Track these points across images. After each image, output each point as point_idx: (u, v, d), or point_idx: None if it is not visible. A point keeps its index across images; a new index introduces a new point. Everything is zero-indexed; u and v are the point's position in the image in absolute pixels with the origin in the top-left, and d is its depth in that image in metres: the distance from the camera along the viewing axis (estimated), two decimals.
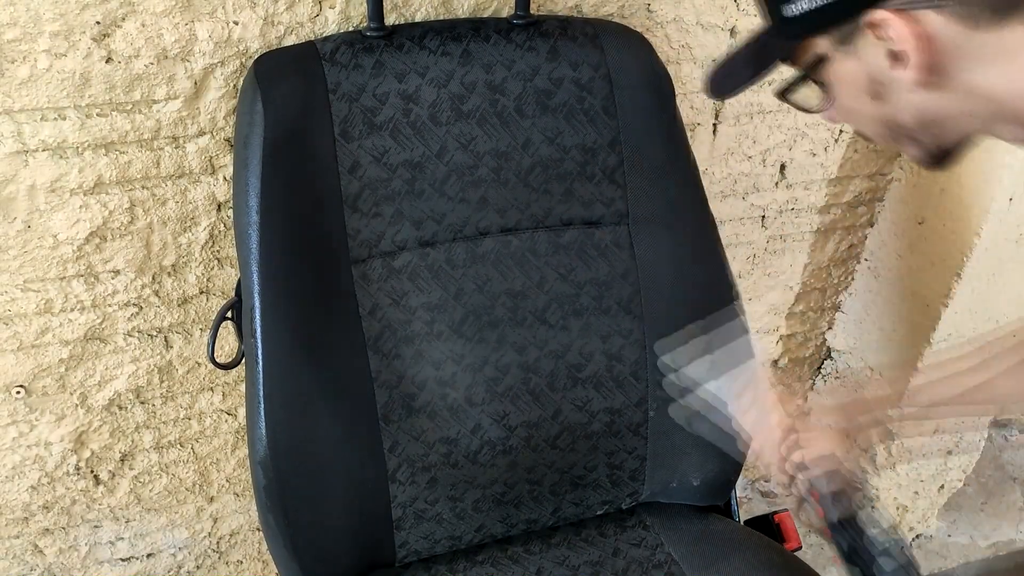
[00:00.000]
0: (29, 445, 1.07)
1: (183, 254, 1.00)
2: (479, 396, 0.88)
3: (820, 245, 1.36)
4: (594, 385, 0.91)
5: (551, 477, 0.93)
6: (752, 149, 1.20)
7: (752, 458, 0.86)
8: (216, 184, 0.97)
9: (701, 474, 0.96)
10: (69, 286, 0.97)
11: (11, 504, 1.11)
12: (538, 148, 0.88)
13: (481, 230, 0.88)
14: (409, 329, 0.86)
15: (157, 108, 0.89)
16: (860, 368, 1.45)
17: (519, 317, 0.89)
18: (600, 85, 0.88)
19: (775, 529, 1.04)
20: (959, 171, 1.18)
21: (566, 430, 0.91)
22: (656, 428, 0.94)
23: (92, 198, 0.92)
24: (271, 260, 0.80)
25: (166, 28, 0.84)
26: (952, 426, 1.43)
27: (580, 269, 0.90)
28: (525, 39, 0.87)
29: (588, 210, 0.90)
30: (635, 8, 1.01)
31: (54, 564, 1.20)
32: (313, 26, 0.89)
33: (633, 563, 0.94)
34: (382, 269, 0.85)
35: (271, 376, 0.80)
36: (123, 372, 1.06)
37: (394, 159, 0.84)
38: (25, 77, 0.83)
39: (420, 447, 0.87)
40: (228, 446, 1.19)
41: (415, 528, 0.90)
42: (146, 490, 1.18)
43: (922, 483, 1.51)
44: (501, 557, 0.95)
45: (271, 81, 0.81)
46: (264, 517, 0.82)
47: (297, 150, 0.81)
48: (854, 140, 1.24)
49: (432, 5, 0.92)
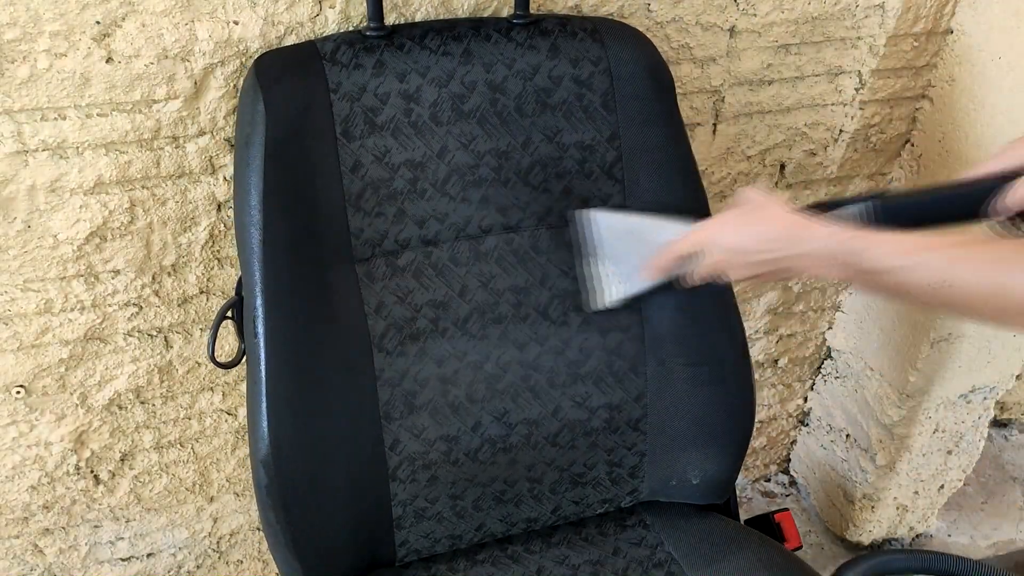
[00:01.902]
0: (29, 445, 1.07)
1: (183, 254, 1.00)
2: (480, 393, 0.88)
3: None
4: (594, 381, 0.91)
5: (551, 475, 0.93)
6: (752, 149, 1.20)
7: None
8: (216, 184, 0.97)
9: (700, 472, 0.96)
10: (69, 286, 0.97)
11: (11, 504, 1.11)
12: (537, 147, 0.88)
13: (484, 228, 0.88)
14: (415, 326, 0.86)
15: (157, 108, 0.89)
16: (860, 368, 1.45)
17: (523, 313, 0.89)
18: (600, 80, 0.88)
19: (775, 528, 1.04)
20: (959, 170, 1.18)
21: (566, 427, 0.92)
22: (655, 423, 0.94)
23: (92, 198, 0.92)
24: (273, 259, 0.80)
25: (166, 28, 0.85)
26: (952, 426, 1.43)
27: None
28: (526, 37, 0.87)
29: (587, 207, 0.90)
30: (635, 8, 1.01)
31: (54, 564, 1.20)
32: (313, 26, 0.89)
33: (633, 562, 0.94)
34: (386, 267, 0.85)
35: (273, 375, 0.80)
36: (123, 372, 1.06)
37: (395, 159, 0.84)
38: (25, 77, 0.83)
39: (421, 445, 0.87)
40: (228, 446, 1.19)
41: (415, 527, 0.90)
42: (146, 490, 1.18)
43: (922, 483, 1.51)
44: (501, 556, 0.95)
45: (272, 81, 0.81)
46: (265, 516, 0.82)
47: (298, 149, 0.81)
48: (854, 140, 1.24)
49: (432, 5, 0.92)
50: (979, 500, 1.68)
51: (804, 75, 1.15)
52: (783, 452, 1.69)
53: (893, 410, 1.39)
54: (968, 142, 1.16)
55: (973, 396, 1.40)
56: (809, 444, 1.63)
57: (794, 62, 1.13)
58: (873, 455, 1.46)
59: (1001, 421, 1.85)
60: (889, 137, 1.26)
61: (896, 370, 1.36)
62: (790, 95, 1.16)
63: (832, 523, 1.61)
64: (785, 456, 1.70)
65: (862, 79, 1.18)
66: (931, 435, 1.44)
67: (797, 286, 1.40)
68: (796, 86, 1.16)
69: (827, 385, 1.55)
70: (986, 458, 1.74)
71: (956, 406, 1.41)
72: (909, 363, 1.33)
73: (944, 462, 1.50)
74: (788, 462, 1.71)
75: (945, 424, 1.43)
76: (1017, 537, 1.62)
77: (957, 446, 1.48)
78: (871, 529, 1.55)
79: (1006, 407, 1.84)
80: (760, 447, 1.65)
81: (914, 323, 1.31)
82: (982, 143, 1.14)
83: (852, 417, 1.49)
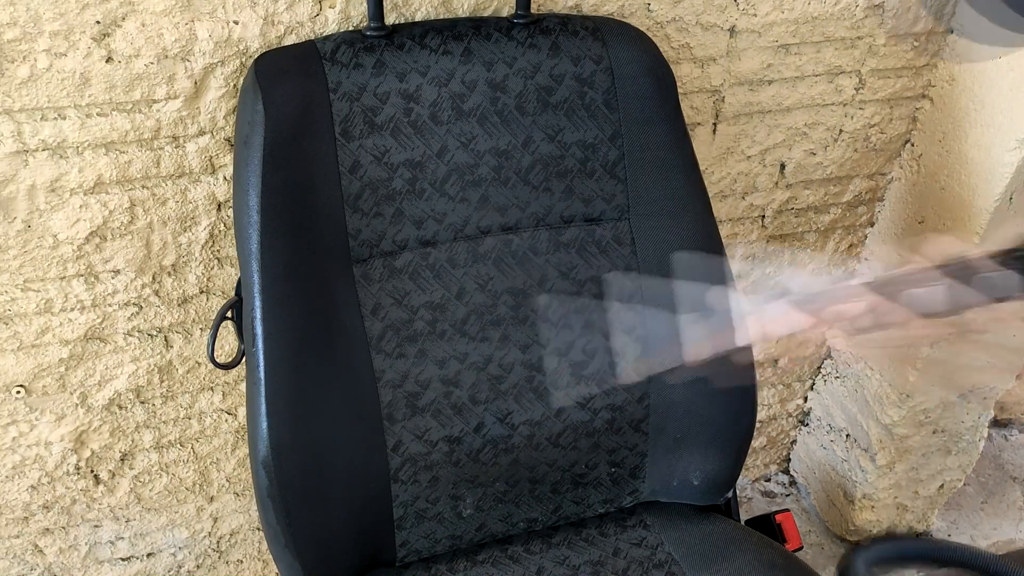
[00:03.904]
0: (29, 445, 1.07)
1: (183, 254, 1.00)
2: (483, 395, 0.88)
3: (820, 245, 1.36)
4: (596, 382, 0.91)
5: (552, 475, 0.93)
6: (752, 149, 1.20)
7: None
8: (216, 184, 0.97)
9: (701, 473, 0.96)
10: (69, 286, 0.97)
11: (11, 504, 1.11)
12: (538, 146, 0.88)
13: (482, 229, 0.88)
14: (412, 328, 0.86)
15: (157, 108, 0.89)
16: (860, 368, 1.45)
17: (521, 315, 0.89)
18: (602, 78, 0.88)
19: (776, 529, 1.04)
20: (959, 171, 1.18)
21: (568, 428, 0.91)
22: (656, 424, 0.94)
23: (92, 198, 0.92)
24: (272, 259, 0.80)
25: (166, 28, 0.84)
26: (952, 426, 1.43)
27: (581, 267, 0.90)
28: (526, 36, 0.87)
29: (589, 206, 0.90)
30: (635, 8, 1.01)
31: (54, 564, 1.20)
32: (313, 26, 0.89)
33: (633, 563, 0.94)
34: (383, 269, 0.85)
35: (273, 375, 0.80)
36: (123, 372, 1.06)
37: (395, 159, 0.84)
38: (25, 77, 0.83)
39: (423, 446, 0.87)
40: (228, 446, 1.19)
41: (416, 527, 0.90)
42: (146, 490, 1.18)
43: (922, 483, 1.51)
44: (501, 557, 0.95)
45: (272, 80, 0.81)
46: (265, 516, 0.82)
47: (298, 149, 0.81)
48: (854, 140, 1.24)
49: (432, 5, 0.92)
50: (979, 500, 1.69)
51: (804, 75, 1.15)
52: (783, 452, 1.69)
53: (893, 410, 1.39)
54: (968, 142, 1.16)
55: (972, 396, 1.40)
56: (809, 444, 1.64)
57: (794, 62, 1.13)
58: (873, 455, 1.46)
59: (1001, 421, 1.85)
60: (889, 137, 1.26)
61: (896, 370, 1.36)
62: (790, 95, 1.16)
63: (832, 523, 1.61)
64: (785, 456, 1.70)
65: (862, 79, 1.18)
66: (931, 435, 1.44)
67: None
68: (796, 86, 1.16)
69: (827, 385, 1.55)
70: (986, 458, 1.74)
71: (956, 406, 1.41)
72: (909, 363, 1.33)
73: (944, 462, 1.50)
74: (788, 462, 1.71)
75: (945, 424, 1.43)
76: (1017, 537, 1.62)
77: (957, 446, 1.48)
78: (871, 529, 1.55)
79: (1006, 407, 1.84)
80: (760, 447, 1.65)
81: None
82: (982, 143, 1.14)
83: (852, 417, 1.49)
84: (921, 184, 1.26)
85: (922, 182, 1.25)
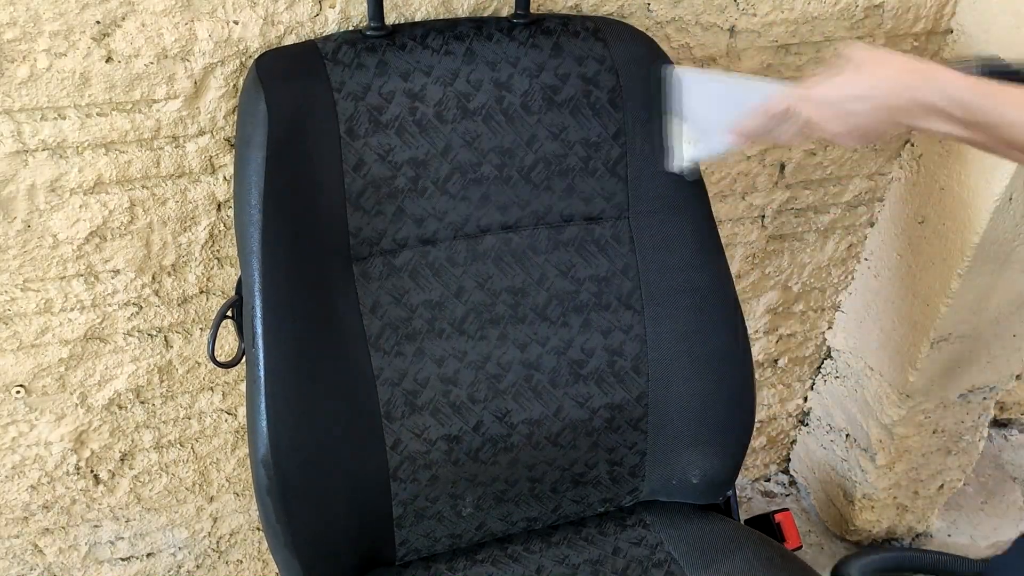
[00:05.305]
0: (29, 445, 1.07)
1: (183, 254, 1.00)
2: (482, 393, 0.88)
3: (820, 245, 1.36)
4: (595, 381, 0.91)
5: (552, 474, 0.93)
6: (751, 149, 1.20)
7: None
8: (216, 184, 0.97)
9: (701, 472, 0.96)
10: (69, 286, 0.98)
11: (11, 504, 1.11)
12: (542, 144, 0.88)
13: (482, 228, 0.88)
14: (410, 327, 0.86)
15: (157, 108, 0.89)
16: (860, 368, 1.45)
17: (520, 314, 0.89)
18: (606, 78, 0.89)
19: (775, 528, 1.04)
20: (959, 170, 1.18)
21: (568, 427, 0.92)
22: (656, 423, 0.94)
23: (92, 198, 0.92)
24: (273, 258, 0.80)
25: (166, 27, 0.85)
26: (952, 426, 1.43)
27: (580, 266, 0.91)
28: (528, 36, 0.87)
29: (589, 205, 0.90)
30: (635, 7, 1.01)
31: (54, 564, 1.20)
32: (313, 26, 0.89)
33: (633, 562, 0.94)
34: (383, 267, 0.85)
35: (272, 374, 0.80)
36: (123, 372, 1.06)
37: (399, 157, 0.84)
38: (25, 77, 0.83)
39: (422, 445, 0.87)
40: (228, 446, 1.19)
41: (416, 526, 0.90)
42: (146, 490, 1.18)
43: (922, 483, 1.52)
44: (501, 556, 0.95)
45: (274, 79, 0.81)
46: (265, 516, 0.82)
47: (300, 148, 0.81)
48: None
49: (432, 5, 0.92)
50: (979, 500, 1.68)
51: (804, 75, 1.15)
52: (783, 452, 1.69)
53: (893, 410, 1.39)
54: None
55: (972, 396, 1.40)
56: (809, 444, 1.64)
57: (794, 62, 1.13)
58: (873, 455, 1.46)
59: (1001, 421, 1.85)
60: (889, 137, 1.26)
61: (896, 370, 1.36)
62: None
63: (832, 523, 1.61)
64: (785, 456, 1.70)
65: None
66: (931, 435, 1.44)
67: (797, 286, 1.40)
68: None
69: (827, 385, 1.55)
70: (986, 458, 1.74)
71: (956, 406, 1.41)
72: (909, 363, 1.33)
73: (944, 462, 1.50)
74: (788, 462, 1.71)
75: (945, 424, 1.43)
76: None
77: (957, 446, 1.48)
78: (871, 529, 1.55)
79: (1006, 407, 1.84)
80: (760, 447, 1.65)
81: (914, 323, 1.31)
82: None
83: (852, 417, 1.49)
84: (921, 184, 1.26)
85: (922, 182, 1.26)
